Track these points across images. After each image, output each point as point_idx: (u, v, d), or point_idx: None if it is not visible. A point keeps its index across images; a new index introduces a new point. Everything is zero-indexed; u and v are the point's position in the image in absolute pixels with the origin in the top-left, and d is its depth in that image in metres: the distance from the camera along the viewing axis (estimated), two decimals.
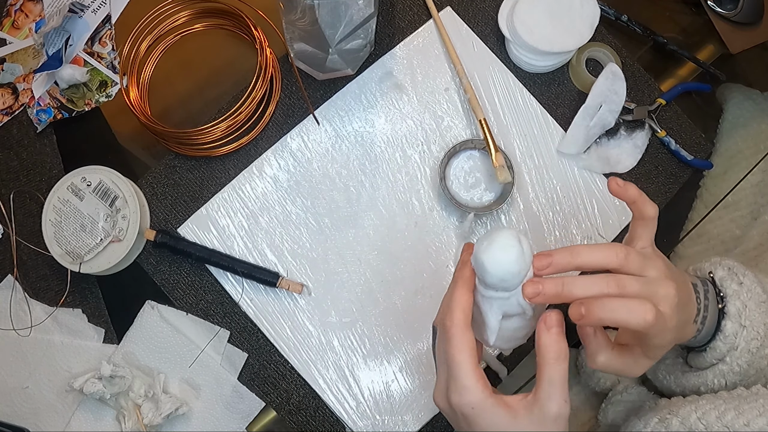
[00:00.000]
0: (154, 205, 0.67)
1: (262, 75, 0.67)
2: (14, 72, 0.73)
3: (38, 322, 0.65)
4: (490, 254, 0.40)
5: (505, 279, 0.40)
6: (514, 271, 0.40)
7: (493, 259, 0.40)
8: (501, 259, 0.40)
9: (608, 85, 0.66)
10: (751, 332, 0.48)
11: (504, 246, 0.40)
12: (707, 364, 0.50)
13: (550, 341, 0.41)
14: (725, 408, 0.43)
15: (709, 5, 0.74)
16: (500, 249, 0.40)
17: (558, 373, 0.40)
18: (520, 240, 0.40)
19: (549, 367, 0.40)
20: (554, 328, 0.41)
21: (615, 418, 0.62)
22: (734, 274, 0.50)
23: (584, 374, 0.73)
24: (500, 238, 0.40)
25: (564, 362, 0.40)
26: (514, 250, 0.40)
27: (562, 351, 0.41)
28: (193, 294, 0.65)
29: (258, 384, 0.64)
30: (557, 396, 0.40)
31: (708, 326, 0.48)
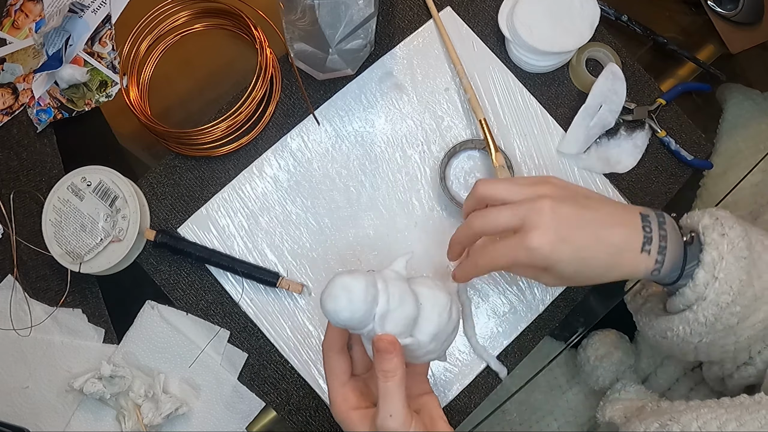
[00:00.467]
0: (154, 205, 0.67)
1: (262, 75, 0.67)
2: (14, 72, 0.73)
3: (38, 322, 0.65)
4: (322, 305, 0.42)
5: (346, 324, 0.42)
6: (344, 317, 0.42)
7: (325, 310, 0.42)
8: (328, 308, 0.42)
9: (608, 85, 0.66)
10: (723, 286, 0.46)
11: (328, 296, 0.42)
12: (676, 309, 0.49)
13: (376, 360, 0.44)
14: (727, 418, 0.43)
15: (709, 5, 0.74)
16: (326, 300, 0.42)
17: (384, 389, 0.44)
18: (347, 288, 0.42)
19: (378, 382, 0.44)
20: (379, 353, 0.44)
21: (613, 416, 0.62)
22: (720, 224, 0.48)
23: (583, 373, 0.73)
24: (327, 289, 0.42)
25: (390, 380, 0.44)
26: (338, 300, 0.42)
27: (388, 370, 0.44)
28: (193, 294, 0.66)
29: (258, 384, 0.64)
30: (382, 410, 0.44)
31: (671, 262, 0.47)
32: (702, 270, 0.46)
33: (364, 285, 0.42)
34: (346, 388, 0.48)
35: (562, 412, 0.74)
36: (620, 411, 0.63)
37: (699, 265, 0.47)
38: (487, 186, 0.49)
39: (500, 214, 0.47)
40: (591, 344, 0.72)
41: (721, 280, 0.46)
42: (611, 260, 0.46)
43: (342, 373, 0.48)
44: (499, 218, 0.47)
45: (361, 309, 0.42)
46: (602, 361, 0.70)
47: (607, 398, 0.66)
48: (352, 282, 0.42)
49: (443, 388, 0.63)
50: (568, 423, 0.74)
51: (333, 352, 0.48)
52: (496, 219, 0.47)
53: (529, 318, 0.65)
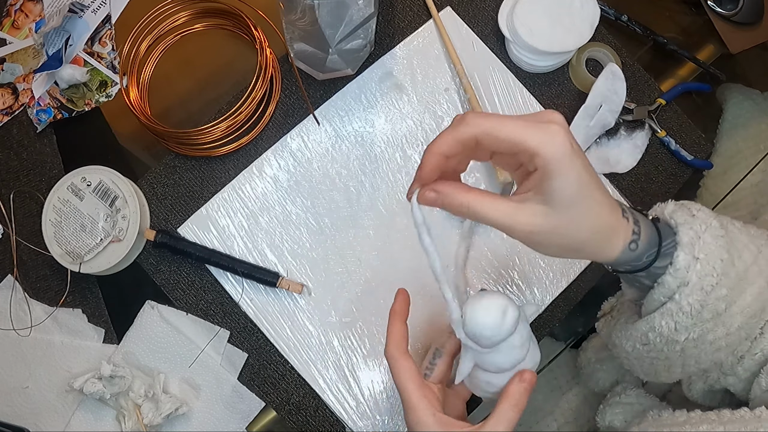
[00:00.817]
0: (154, 205, 0.67)
1: (262, 75, 0.67)
2: (14, 72, 0.73)
3: (38, 322, 0.65)
4: (472, 309, 0.43)
5: (476, 336, 0.43)
6: (486, 334, 0.43)
7: (472, 314, 0.43)
8: (478, 318, 0.43)
9: (608, 85, 0.66)
10: (705, 267, 0.41)
11: (486, 308, 0.43)
12: (656, 305, 0.44)
13: (516, 389, 0.44)
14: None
15: (709, 5, 0.74)
16: (482, 309, 0.43)
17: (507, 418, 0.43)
18: (505, 311, 0.43)
19: (504, 409, 0.43)
20: (526, 384, 0.44)
21: (612, 420, 0.62)
22: (685, 207, 0.45)
23: (584, 375, 0.73)
24: (487, 301, 0.43)
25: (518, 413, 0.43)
26: (491, 318, 0.42)
27: (521, 403, 0.43)
28: (193, 294, 0.65)
29: (258, 384, 0.64)
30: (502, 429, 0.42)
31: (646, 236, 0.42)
32: (682, 252, 0.42)
33: (516, 316, 0.43)
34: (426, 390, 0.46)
35: (562, 412, 0.74)
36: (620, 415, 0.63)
37: (677, 246, 0.42)
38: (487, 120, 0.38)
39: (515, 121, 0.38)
40: (591, 346, 0.72)
41: (702, 261, 0.41)
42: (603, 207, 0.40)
43: (418, 374, 0.47)
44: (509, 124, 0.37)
45: (501, 336, 0.43)
46: (603, 363, 0.70)
47: (606, 402, 0.66)
48: (508, 306, 0.43)
49: None
50: (568, 424, 0.74)
51: (403, 355, 0.47)
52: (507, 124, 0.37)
53: (529, 318, 0.65)
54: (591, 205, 0.39)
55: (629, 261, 0.42)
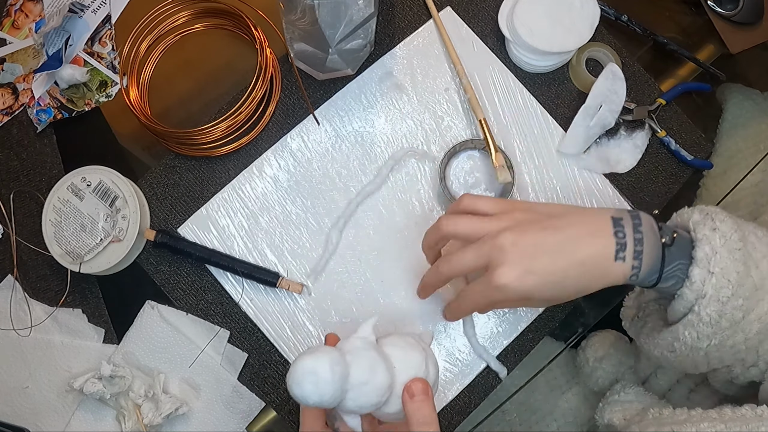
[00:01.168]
0: (154, 205, 0.67)
1: (262, 75, 0.67)
2: (14, 72, 0.73)
3: (38, 322, 0.65)
4: (290, 390, 0.41)
5: (315, 404, 0.41)
6: (314, 401, 0.40)
7: (293, 395, 0.41)
8: (296, 394, 0.41)
9: (608, 85, 0.66)
10: (720, 280, 0.45)
11: (295, 382, 0.41)
12: (678, 315, 0.48)
13: (414, 408, 0.43)
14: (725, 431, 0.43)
15: (709, 5, 0.74)
16: (294, 386, 0.41)
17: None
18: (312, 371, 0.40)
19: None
20: (417, 396, 0.43)
21: (612, 418, 0.62)
22: (710, 218, 0.47)
23: (582, 374, 0.73)
24: (291, 374, 0.41)
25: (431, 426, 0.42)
26: (305, 386, 0.40)
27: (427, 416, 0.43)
28: (193, 294, 0.65)
29: (258, 384, 0.64)
30: None
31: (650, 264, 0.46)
32: (696, 267, 0.45)
33: (328, 365, 0.41)
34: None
35: (561, 412, 0.74)
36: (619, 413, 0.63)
37: (693, 263, 0.46)
38: (449, 223, 0.50)
39: (464, 257, 0.48)
40: (590, 345, 0.72)
41: (717, 275, 0.45)
42: (585, 276, 0.46)
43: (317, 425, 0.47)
44: (464, 261, 0.48)
45: (329, 390, 0.41)
46: (602, 362, 0.70)
47: (606, 400, 0.66)
48: (315, 364, 0.40)
49: (443, 388, 0.63)
50: (568, 423, 0.74)
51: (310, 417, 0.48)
52: (461, 262, 0.48)
53: (529, 318, 0.65)
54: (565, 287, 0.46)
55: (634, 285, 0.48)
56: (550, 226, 0.47)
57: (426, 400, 0.43)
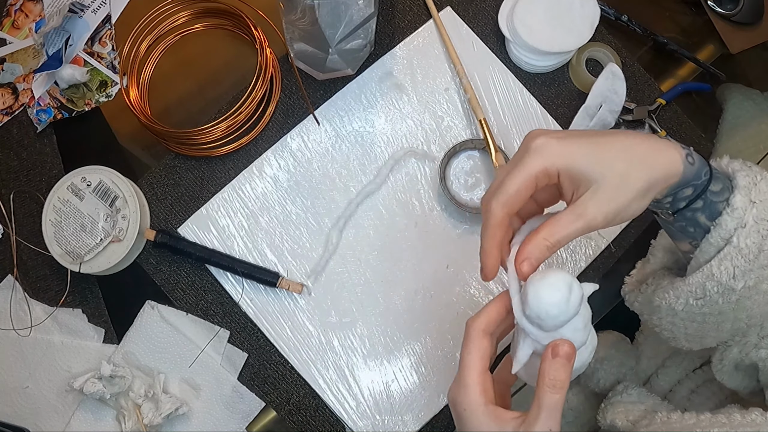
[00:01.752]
0: (154, 205, 0.67)
1: (262, 75, 0.67)
2: (14, 72, 0.73)
3: (38, 322, 0.65)
4: (536, 288, 0.40)
5: (541, 317, 0.40)
6: (553, 313, 0.39)
7: (537, 294, 0.40)
8: (543, 297, 0.39)
9: (608, 85, 0.66)
10: (761, 211, 0.44)
11: (551, 285, 0.39)
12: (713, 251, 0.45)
13: (550, 368, 0.41)
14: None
15: (709, 5, 0.74)
16: (546, 287, 0.40)
17: (550, 400, 0.40)
18: (571, 288, 0.40)
19: (543, 393, 0.41)
20: (560, 359, 0.41)
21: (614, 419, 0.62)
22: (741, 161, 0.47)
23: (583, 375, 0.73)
24: (552, 278, 0.40)
25: (559, 392, 0.41)
26: (559, 294, 0.39)
27: (559, 381, 0.41)
28: (193, 294, 0.65)
29: (258, 384, 0.64)
30: (544, 421, 0.40)
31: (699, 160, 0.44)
32: (739, 194, 0.44)
33: (581, 294, 0.40)
34: (486, 376, 0.43)
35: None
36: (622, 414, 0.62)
37: (735, 190, 0.44)
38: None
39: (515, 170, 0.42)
40: None
41: (758, 205, 0.44)
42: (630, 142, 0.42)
43: (487, 359, 0.44)
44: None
45: (572, 311, 0.40)
46: (603, 362, 0.70)
47: (608, 401, 0.66)
48: (576, 285, 0.40)
49: (444, 388, 0.63)
50: (569, 424, 0.74)
51: (486, 335, 0.44)
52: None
53: None
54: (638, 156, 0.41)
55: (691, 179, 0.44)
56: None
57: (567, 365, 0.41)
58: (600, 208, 0.41)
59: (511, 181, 0.42)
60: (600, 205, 0.41)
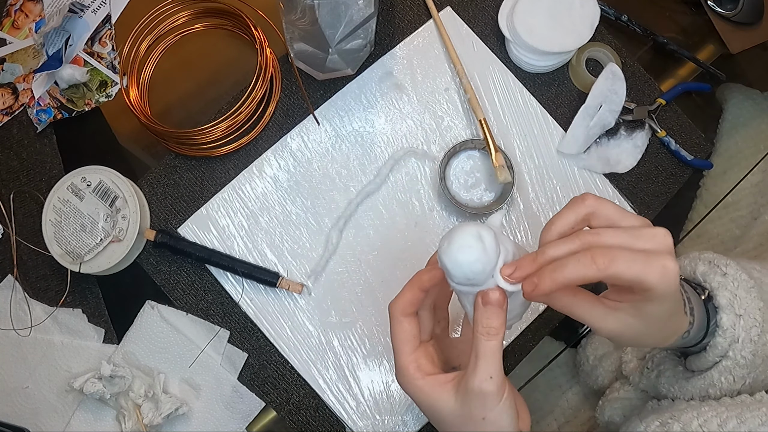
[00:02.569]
0: (154, 205, 0.67)
1: (262, 75, 0.67)
2: (14, 72, 0.73)
3: (38, 322, 0.65)
4: (450, 256, 0.39)
5: (469, 277, 0.39)
6: (477, 269, 0.39)
7: (453, 260, 0.39)
8: (460, 260, 0.38)
9: (608, 85, 0.66)
10: (748, 320, 0.46)
11: (461, 246, 0.38)
12: (710, 364, 0.48)
13: (482, 316, 0.40)
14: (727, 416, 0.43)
15: (709, 5, 0.74)
16: (458, 250, 0.38)
17: (485, 347, 0.40)
18: (480, 237, 0.38)
19: (477, 341, 0.40)
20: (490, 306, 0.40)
21: (612, 416, 0.62)
22: (715, 266, 0.48)
23: (582, 373, 0.73)
24: (458, 238, 0.39)
25: (493, 338, 0.40)
26: (473, 250, 0.38)
27: (492, 327, 0.40)
28: (193, 294, 0.66)
29: (258, 384, 0.64)
30: (480, 372, 0.40)
31: (698, 321, 0.46)
32: (724, 314, 0.46)
33: (494, 235, 0.39)
34: (418, 353, 0.44)
35: (562, 411, 0.74)
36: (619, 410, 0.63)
37: (718, 310, 0.46)
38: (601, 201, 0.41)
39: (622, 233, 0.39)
40: (590, 344, 0.72)
41: (744, 316, 0.45)
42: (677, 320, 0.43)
43: (414, 337, 0.44)
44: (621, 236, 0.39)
45: (493, 261, 0.39)
46: (601, 360, 0.70)
47: (606, 398, 0.66)
48: (483, 231, 0.38)
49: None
50: (568, 423, 0.74)
51: (405, 316, 0.44)
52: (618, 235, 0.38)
53: (528, 318, 0.65)
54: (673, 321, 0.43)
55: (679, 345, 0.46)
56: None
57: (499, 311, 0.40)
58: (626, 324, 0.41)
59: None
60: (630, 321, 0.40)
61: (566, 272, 0.37)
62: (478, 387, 0.40)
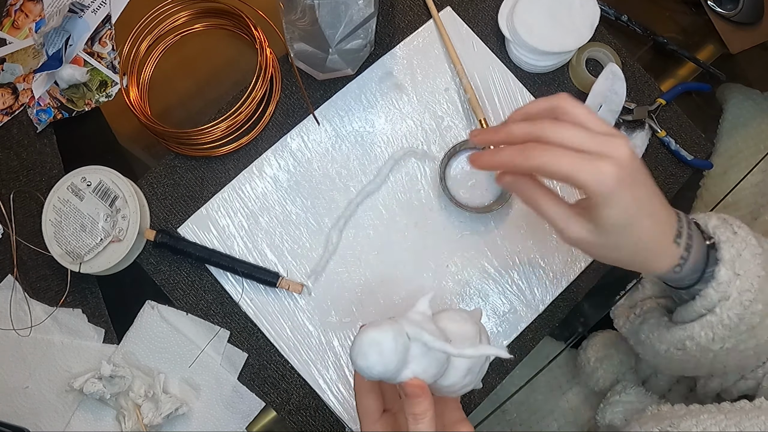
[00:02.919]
0: (154, 205, 0.67)
1: (262, 75, 0.67)
2: (14, 72, 0.73)
3: (38, 322, 0.65)
4: (353, 360, 0.41)
5: (376, 378, 0.41)
6: (378, 371, 0.41)
7: (357, 366, 0.41)
8: (360, 365, 0.41)
9: (608, 85, 0.66)
10: (744, 282, 0.44)
11: (358, 354, 0.41)
12: (695, 315, 0.47)
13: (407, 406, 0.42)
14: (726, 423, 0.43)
15: (709, 5, 0.74)
16: (357, 356, 0.41)
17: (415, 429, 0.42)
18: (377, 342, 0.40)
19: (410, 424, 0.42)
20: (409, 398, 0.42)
21: (613, 419, 0.62)
22: (728, 224, 0.47)
23: (583, 374, 0.73)
24: (355, 346, 0.41)
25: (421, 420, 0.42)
26: (369, 357, 0.40)
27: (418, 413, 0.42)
28: (193, 294, 0.65)
29: (258, 384, 0.64)
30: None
31: (693, 261, 0.45)
32: (723, 267, 0.45)
33: (392, 336, 0.41)
34: (377, 425, 0.47)
35: (562, 412, 0.74)
36: (620, 414, 0.63)
37: (719, 263, 0.45)
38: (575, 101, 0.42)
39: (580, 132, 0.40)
40: (591, 345, 0.72)
41: (742, 277, 0.44)
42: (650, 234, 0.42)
43: (374, 411, 0.47)
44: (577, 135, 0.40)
45: (393, 361, 0.41)
46: (602, 362, 0.70)
47: (607, 400, 0.66)
48: (379, 335, 0.41)
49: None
50: (568, 423, 0.74)
51: (364, 392, 0.47)
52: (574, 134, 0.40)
53: (529, 318, 0.65)
54: (633, 232, 0.42)
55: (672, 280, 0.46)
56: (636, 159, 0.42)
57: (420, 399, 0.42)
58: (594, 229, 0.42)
59: None
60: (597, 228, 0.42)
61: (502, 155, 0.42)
62: None
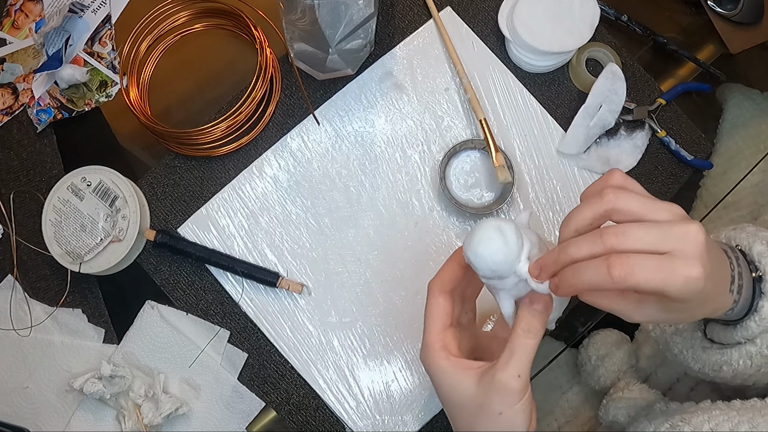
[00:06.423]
0: (154, 205, 0.67)
1: (262, 75, 0.67)
2: (14, 72, 0.73)
3: (38, 322, 0.65)
4: (472, 249, 0.40)
5: (493, 269, 0.40)
6: (499, 260, 0.39)
7: (476, 254, 0.40)
8: (482, 253, 0.40)
9: (608, 85, 0.66)
10: None
11: (482, 239, 0.40)
12: (733, 342, 0.46)
13: (527, 314, 0.41)
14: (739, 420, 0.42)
15: (709, 5, 0.74)
16: (479, 243, 0.40)
17: (522, 344, 0.40)
18: (500, 229, 0.39)
19: (516, 336, 0.40)
20: (536, 305, 0.41)
21: (616, 415, 0.62)
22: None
23: (584, 373, 0.73)
24: (479, 232, 0.40)
25: (532, 338, 0.40)
26: (493, 243, 0.39)
27: (533, 327, 0.40)
28: (193, 294, 0.65)
29: (258, 384, 0.64)
30: (511, 367, 0.40)
31: (743, 300, 0.43)
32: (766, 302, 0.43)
33: (515, 228, 0.40)
34: (447, 333, 0.44)
35: (562, 412, 0.74)
36: (624, 410, 0.63)
37: (763, 296, 0.44)
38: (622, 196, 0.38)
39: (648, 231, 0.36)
40: (592, 344, 0.72)
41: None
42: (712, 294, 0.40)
43: (446, 315, 0.44)
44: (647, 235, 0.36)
45: (515, 252, 0.39)
46: (603, 361, 0.70)
47: (610, 397, 0.66)
48: (504, 224, 0.39)
49: None
50: (569, 423, 0.74)
51: (442, 293, 0.44)
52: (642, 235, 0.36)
53: None
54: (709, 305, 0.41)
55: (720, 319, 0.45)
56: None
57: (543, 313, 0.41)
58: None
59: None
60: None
61: (584, 279, 0.36)
62: (506, 381, 0.40)
